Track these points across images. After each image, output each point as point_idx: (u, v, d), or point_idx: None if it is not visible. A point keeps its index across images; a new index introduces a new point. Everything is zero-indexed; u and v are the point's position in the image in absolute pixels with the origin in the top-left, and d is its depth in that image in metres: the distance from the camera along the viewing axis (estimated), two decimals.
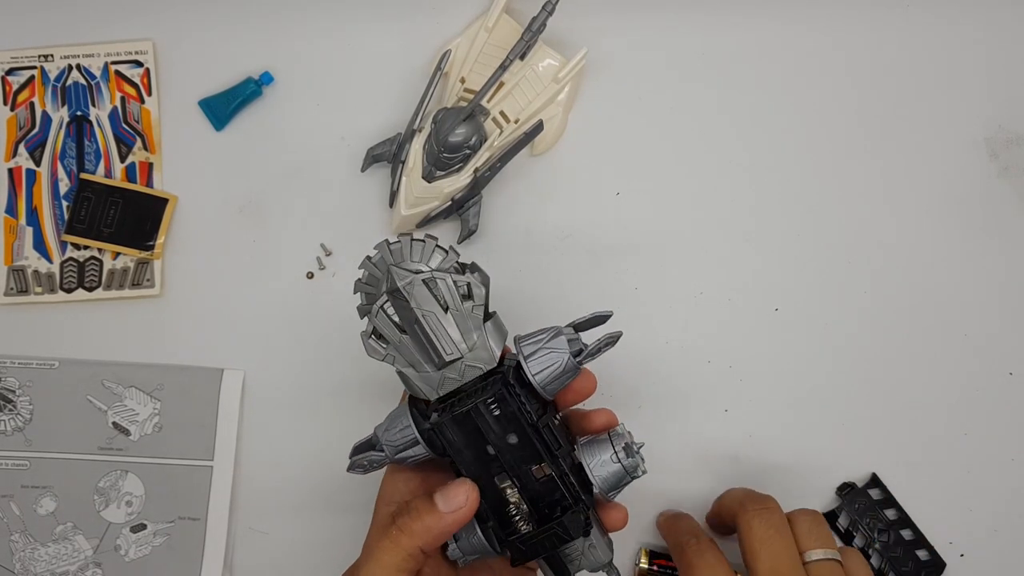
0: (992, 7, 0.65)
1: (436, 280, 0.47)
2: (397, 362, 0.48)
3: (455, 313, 0.47)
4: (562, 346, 0.47)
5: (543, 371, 0.47)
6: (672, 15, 0.65)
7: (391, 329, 0.47)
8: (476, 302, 0.47)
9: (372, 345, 0.48)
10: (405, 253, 0.48)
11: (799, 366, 0.62)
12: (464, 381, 0.47)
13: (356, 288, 0.49)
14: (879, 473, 0.61)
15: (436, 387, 0.47)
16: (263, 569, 0.61)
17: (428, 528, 0.46)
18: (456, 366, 0.47)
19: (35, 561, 0.60)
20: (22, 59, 0.64)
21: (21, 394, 0.61)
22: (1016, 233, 0.64)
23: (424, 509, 0.47)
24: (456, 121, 0.59)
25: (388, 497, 0.51)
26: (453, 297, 0.47)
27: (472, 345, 0.47)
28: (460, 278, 0.47)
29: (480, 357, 0.47)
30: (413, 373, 0.47)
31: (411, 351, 0.47)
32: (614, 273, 0.63)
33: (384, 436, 0.48)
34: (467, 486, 0.47)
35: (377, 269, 0.48)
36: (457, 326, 0.47)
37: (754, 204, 0.64)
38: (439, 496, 0.47)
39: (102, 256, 0.63)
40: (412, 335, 0.47)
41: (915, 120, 0.65)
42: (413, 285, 0.47)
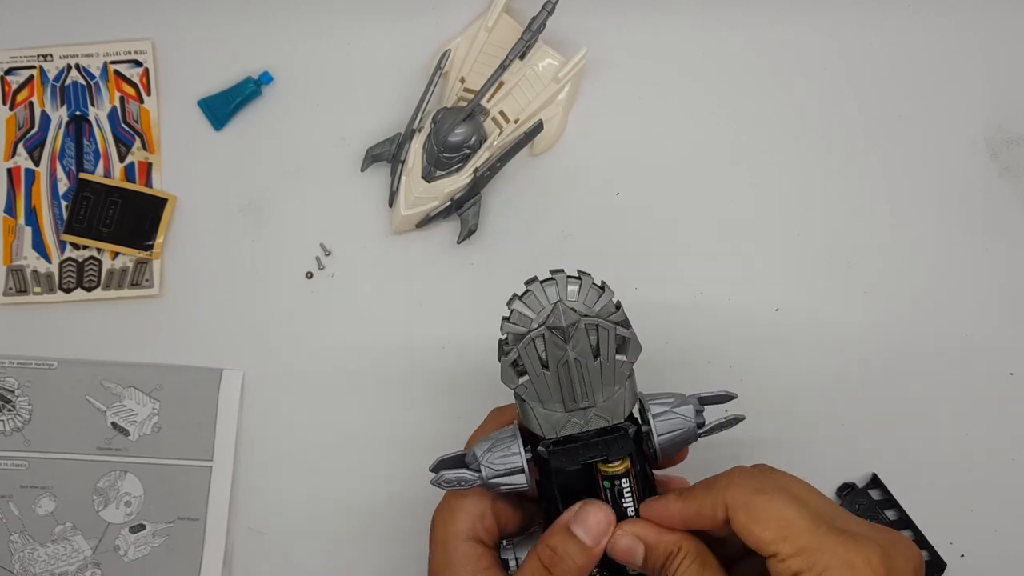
0: (992, 7, 0.65)
1: (600, 329, 0.45)
2: (527, 395, 0.46)
3: (604, 363, 0.45)
4: (689, 414, 0.47)
5: (666, 434, 0.46)
6: (672, 15, 0.65)
7: (535, 362, 0.45)
8: (629, 359, 0.46)
9: (510, 372, 0.46)
10: (582, 294, 0.45)
11: (799, 366, 0.62)
12: (586, 429, 0.46)
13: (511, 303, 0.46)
14: (879, 473, 0.61)
15: (558, 428, 0.46)
16: (262, 569, 0.61)
17: (582, 568, 0.44)
18: (584, 413, 0.46)
19: (34, 561, 0.60)
20: (21, 59, 0.64)
21: (20, 394, 0.61)
22: (1016, 233, 0.64)
23: (572, 549, 0.43)
24: (456, 121, 0.59)
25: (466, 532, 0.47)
26: (609, 348, 0.45)
27: (607, 397, 0.46)
28: (623, 331, 0.46)
29: (610, 410, 0.46)
30: (539, 408, 0.46)
31: (547, 387, 0.45)
32: (614, 273, 0.63)
33: (485, 457, 0.46)
34: (604, 511, 0.44)
35: (544, 298, 0.46)
36: (602, 376, 0.45)
37: (754, 204, 0.64)
38: (578, 528, 0.44)
39: (101, 256, 0.63)
40: (553, 373, 0.45)
41: (915, 120, 0.65)
42: (577, 328, 0.45)
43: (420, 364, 0.62)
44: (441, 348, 0.62)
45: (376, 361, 0.62)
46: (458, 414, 0.60)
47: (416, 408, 0.61)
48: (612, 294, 0.46)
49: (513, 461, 0.46)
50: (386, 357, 0.62)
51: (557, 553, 0.44)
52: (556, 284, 0.45)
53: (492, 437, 0.47)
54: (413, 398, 0.62)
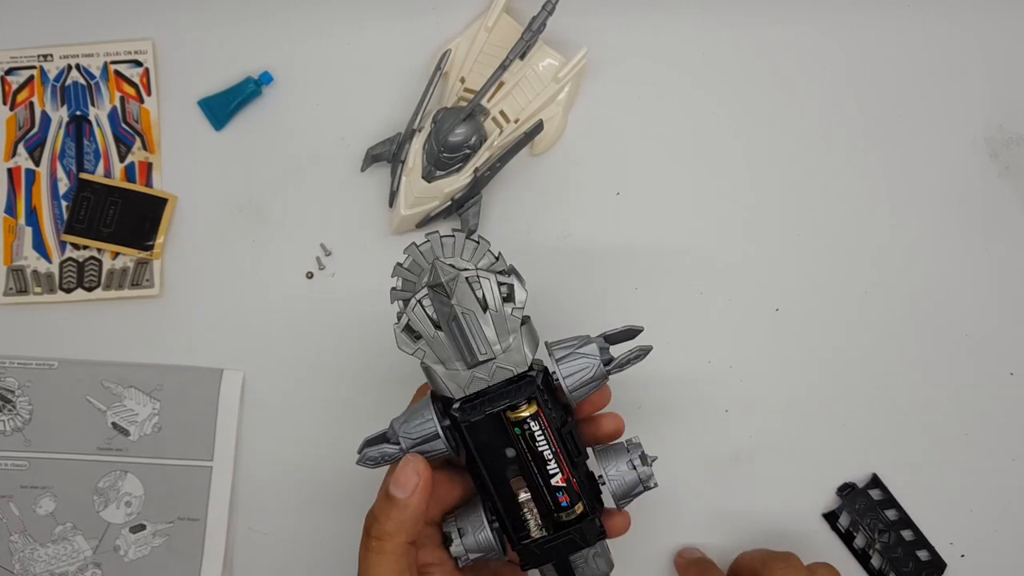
0: (992, 7, 0.65)
1: (480, 279, 0.47)
2: (427, 357, 0.47)
3: (494, 314, 0.47)
4: (593, 353, 0.47)
5: (573, 376, 0.47)
6: (672, 15, 0.65)
7: (426, 324, 0.47)
8: (516, 305, 0.47)
9: (404, 338, 0.47)
10: (457, 249, 0.48)
11: (799, 366, 0.62)
12: (492, 382, 0.47)
13: (395, 272, 0.48)
14: (879, 473, 0.61)
15: (464, 386, 0.47)
16: (263, 569, 0.61)
17: (401, 523, 0.46)
18: (487, 366, 0.47)
19: (34, 561, 0.60)
20: (21, 59, 0.64)
21: (20, 394, 0.61)
22: (1016, 233, 0.64)
23: (386, 506, 0.46)
24: (456, 121, 0.59)
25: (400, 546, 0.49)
26: (494, 298, 0.47)
27: (506, 347, 0.47)
28: (504, 279, 0.47)
29: (512, 360, 0.47)
30: (442, 370, 0.47)
31: (444, 347, 0.47)
32: (614, 273, 0.63)
33: (402, 429, 0.48)
34: (412, 463, 0.46)
35: (423, 259, 0.48)
36: (494, 327, 0.47)
37: (754, 204, 0.64)
38: (391, 485, 0.46)
39: (101, 256, 0.63)
40: (447, 332, 0.47)
41: (915, 120, 0.65)
42: (457, 282, 0.47)
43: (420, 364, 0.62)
44: None
45: (376, 361, 0.62)
46: None
47: None
48: (488, 244, 0.47)
49: (428, 428, 0.47)
50: (386, 357, 0.62)
51: (375, 514, 0.46)
52: (430, 244, 0.47)
53: (409, 410, 0.48)
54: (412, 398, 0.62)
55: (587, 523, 0.47)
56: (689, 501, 0.61)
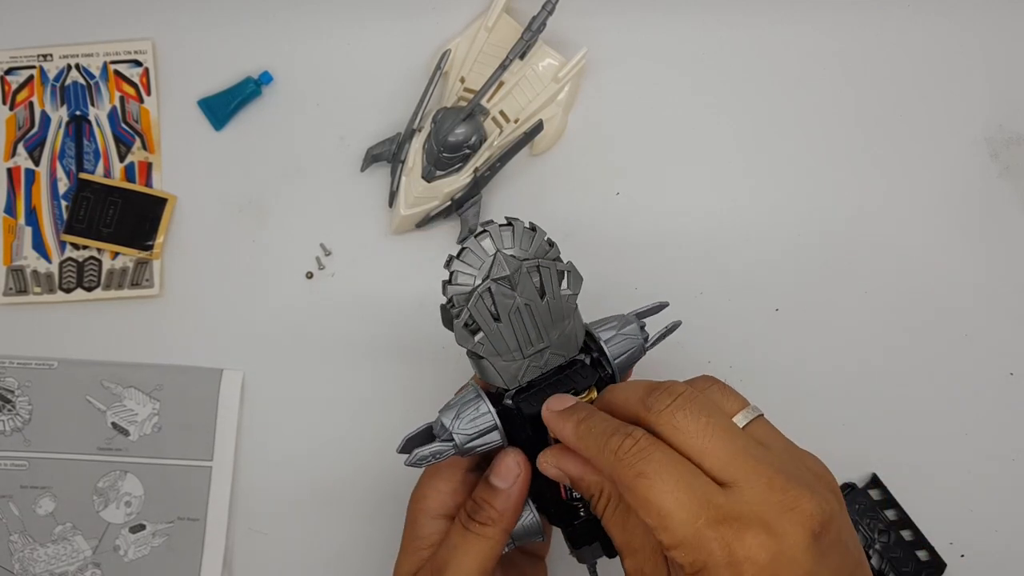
0: (992, 7, 0.65)
1: (541, 268, 0.46)
2: (485, 350, 0.46)
3: (551, 301, 0.46)
4: (635, 332, 0.49)
5: (620, 356, 0.48)
6: (672, 15, 0.65)
7: (487, 318, 0.46)
8: (572, 290, 0.47)
9: (464, 333, 0.46)
10: (517, 238, 0.46)
11: (799, 366, 0.62)
12: (546, 369, 0.47)
13: (450, 265, 0.46)
14: (879, 473, 0.61)
15: (519, 376, 0.47)
16: (263, 569, 0.61)
17: (503, 510, 0.46)
18: (541, 354, 0.47)
19: (34, 561, 0.60)
20: (21, 59, 0.64)
21: (20, 394, 0.61)
22: (1016, 233, 0.64)
23: (489, 495, 0.46)
24: (456, 121, 0.59)
25: (436, 510, 0.49)
26: (553, 285, 0.46)
27: (559, 333, 0.47)
28: (561, 265, 0.47)
29: (565, 345, 0.47)
30: (499, 361, 0.46)
31: (503, 340, 0.46)
32: (614, 273, 0.63)
33: (456, 424, 0.46)
34: (512, 455, 0.47)
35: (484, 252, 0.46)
36: (551, 314, 0.46)
37: (754, 204, 0.64)
38: (493, 477, 0.46)
39: (101, 256, 0.63)
40: (506, 323, 0.46)
41: (915, 120, 0.65)
42: (520, 273, 0.46)
43: (421, 365, 0.62)
44: (442, 348, 0.62)
45: (376, 361, 0.62)
46: None
47: (417, 408, 0.61)
48: (544, 233, 0.47)
49: (485, 421, 0.46)
50: (386, 357, 0.62)
51: (477, 502, 0.46)
52: (490, 235, 0.46)
53: (454, 404, 0.47)
54: (414, 398, 0.62)
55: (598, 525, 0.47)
56: None
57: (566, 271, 0.47)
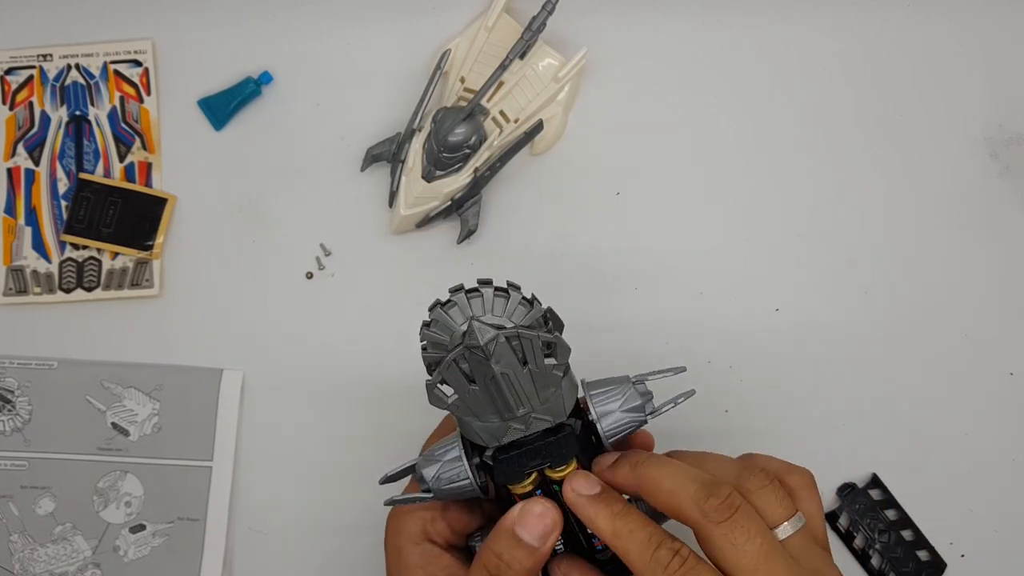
0: (992, 7, 0.65)
1: (521, 339, 0.42)
2: (460, 411, 0.44)
3: (534, 371, 0.43)
4: (637, 408, 0.45)
5: (615, 432, 0.45)
6: (672, 15, 0.65)
7: (461, 382, 0.43)
8: (559, 362, 0.43)
9: (437, 395, 0.44)
10: (487, 306, 0.44)
11: (799, 366, 0.62)
12: (529, 432, 0.44)
13: (423, 337, 0.45)
14: (879, 473, 0.61)
15: (499, 436, 0.44)
16: (263, 569, 0.61)
17: (529, 570, 0.42)
18: (523, 417, 0.44)
19: (34, 562, 0.60)
20: (21, 59, 0.64)
21: (20, 394, 0.61)
22: (1016, 233, 0.64)
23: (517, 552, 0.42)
24: (456, 121, 0.59)
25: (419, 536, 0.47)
26: (536, 355, 0.43)
27: (544, 400, 0.44)
28: (547, 336, 0.43)
29: (550, 410, 0.44)
30: (475, 421, 0.44)
31: (479, 402, 0.44)
32: (614, 273, 0.63)
33: (434, 481, 0.45)
34: (542, 507, 0.43)
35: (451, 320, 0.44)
36: (533, 382, 0.43)
37: (754, 204, 0.64)
38: (522, 531, 0.42)
39: (101, 256, 0.63)
40: (482, 388, 0.43)
41: (915, 120, 0.65)
42: (496, 343, 0.42)
43: (419, 364, 0.62)
44: None
45: (376, 361, 0.62)
46: None
47: (416, 408, 0.61)
48: (541, 309, 0.44)
49: (463, 484, 0.45)
50: (386, 357, 0.62)
51: (503, 560, 0.42)
52: (481, 297, 0.44)
53: (435, 455, 0.45)
54: (413, 398, 0.62)
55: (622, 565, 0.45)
56: None
57: (553, 343, 0.43)
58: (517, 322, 0.44)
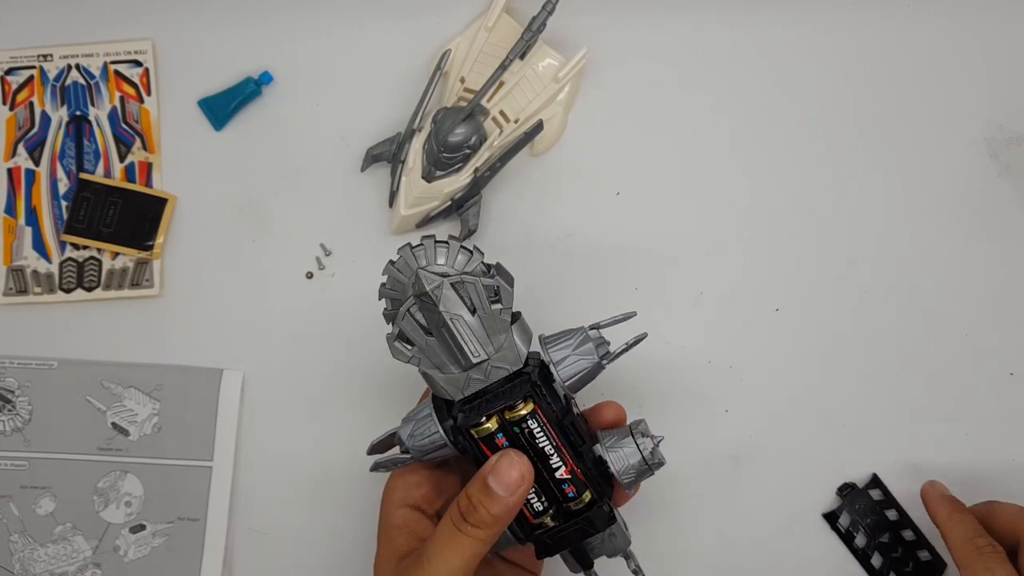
0: (992, 7, 0.65)
1: (464, 283, 0.47)
2: (423, 364, 0.48)
3: (482, 316, 0.47)
4: (589, 351, 0.48)
5: (571, 376, 0.48)
6: (672, 15, 0.65)
7: (418, 332, 0.47)
8: (504, 305, 0.47)
9: (398, 347, 0.48)
10: (430, 256, 0.48)
11: (799, 366, 0.62)
12: (490, 382, 0.47)
13: (381, 294, 0.49)
14: (879, 473, 0.61)
15: (462, 388, 0.48)
16: (263, 569, 0.61)
17: (498, 516, 0.46)
18: (482, 367, 0.47)
19: (34, 561, 0.60)
20: (21, 59, 0.64)
21: (20, 394, 0.61)
22: (1016, 233, 0.64)
23: (485, 498, 0.46)
24: (456, 121, 0.59)
25: (400, 500, 0.50)
26: (481, 300, 0.47)
27: (499, 347, 0.47)
28: (488, 281, 0.47)
29: (506, 358, 0.47)
30: (438, 374, 0.47)
31: (437, 353, 0.47)
32: (614, 273, 0.63)
33: (409, 440, 0.48)
34: (516, 462, 0.46)
35: (401, 273, 0.48)
36: (484, 328, 0.47)
37: (754, 204, 0.64)
38: (492, 481, 0.46)
39: (101, 256, 0.63)
40: (438, 337, 0.47)
41: (915, 120, 0.65)
42: (442, 288, 0.46)
43: None
44: None
45: (376, 361, 0.62)
46: None
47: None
48: (459, 244, 0.48)
49: (434, 438, 0.48)
50: (386, 357, 0.62)
51: (472, 502, 0.46)
52: (403, 258, 0.48)
53: (411, 417, 0.49)
54: (413, 398, 0.62)
55: (596, 511, 0.48)
56: (689, 501, 0.61)
57: (496, 287, 0.47)
58: (460, 269, 0.47)
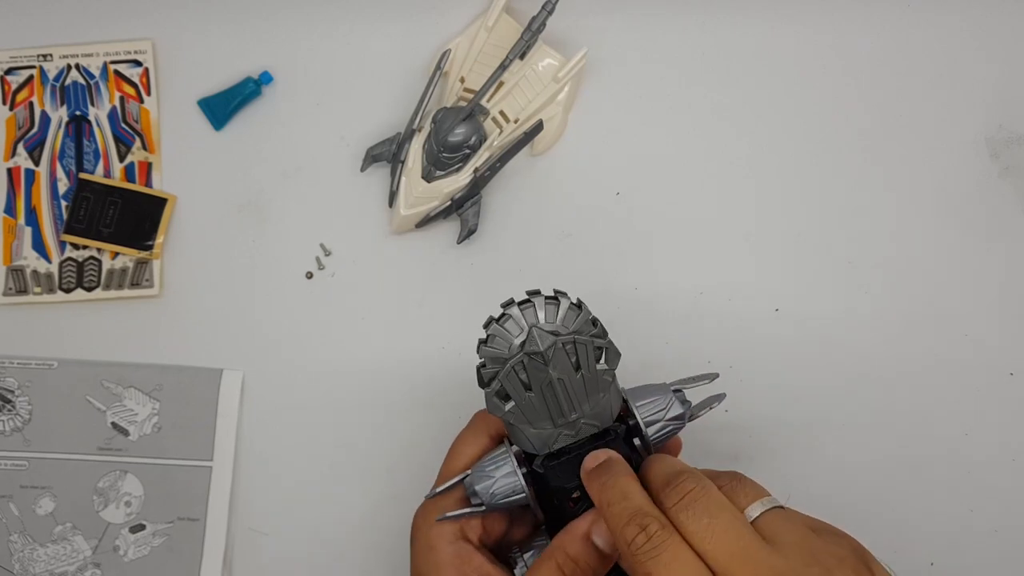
0: (992, 7, 0.65)
1: (576, 344, 0.45)
2: (516, 419, 0.46)
3: (586, 375, 0.46)
4: (678, 413, 0.48)
5: (657, 436, 0.47)
6: (672, 15, 0.65)
7: (519, 390, 0.45)
8: (609, 367, 0.46)
9: (496, 403, 0.46)
10: (540, 316, 0.46)
11: (799, 366, 0.62)
12: (578, 438, 0.46)
13: (482, 355, 0.46)
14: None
15: (550, 443, 0.46)
16: (263, 569, 0.61)
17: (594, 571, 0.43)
18: (573, 424, 0.46)
19: (34, 561, 0.60)
20: (21, 59, 0.64)
21: (20, 394, 0.61)
22: (1016, 233, 0.64)
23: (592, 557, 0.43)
24: (456, 121, 0.59)
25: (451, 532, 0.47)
26: (588, 361, 0.45)
27: (594, 405, 0.46)
28: (599, 342, 0.46)
29: (599, 415, 0.46)
30: (529, 429, 0.46)
31: (533, 409, 0.46)
32: (614, 273, 0.63)
33: (490, 498, 0.47)
34: None
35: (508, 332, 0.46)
36: (585, 387, 0.46)
37: (754, 204, 0.64)
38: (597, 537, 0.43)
39: (101, 256, 0.63)
40: (538, 394, 0.45)
41: (915, 120, 0.65)
42: (555, 349, 0.45)
43: (420, 364, 0.62)
44: (441, 348, 0.62)
45: (376, 361, 0.62)
46: (458, 413, 0.60)
47: (416, 408, 0.61)
48: (589, 313, 0.46)
49: (516, 491, 0.46)
50: (386, 357, 0.62)
51: (578, 563, 0.43)
52: (533, 307, 0.45)
53: (486, 471, 0.47)
54: (413, 398, 0.62)
55: None
56: None
57: (604, 348, 0.46)
58: (569, 327, 0.45)
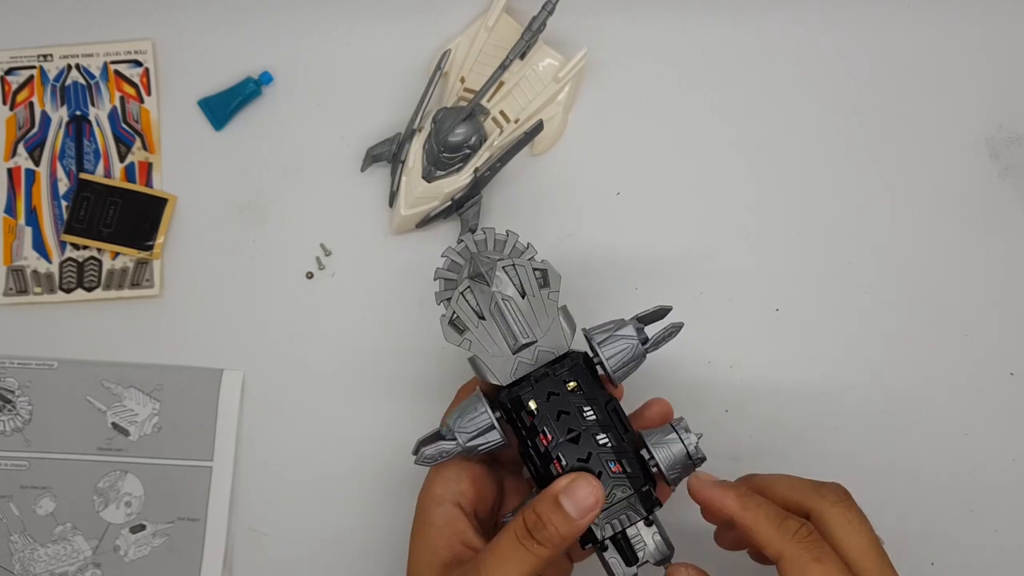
0: (992, 7, 0.65)
1: (516, 267, 0.50)
2: (473, 347, 0.50)
3: (532, 299, 0.50)
4: (630, 334, 0.50)
5: (614, 356, 0.49)
6: (673, 15, 0.65)
7: (470, 315, 0.50)
8: (552, 288, 0.51)
9: (450, 331, 0.50)
10: (489, 244, 0.52)
11: (799, 366, 0.62)
12: (537, 365, 0.50)
13: (437, 275, 0.52)
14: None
15: (510, 372, 0.50)
16: (263, 569, 0.61)
17: (566, 536, 0.45)
18: (530, 350, 0.50)
19: (34, 562, 0.60)
20: (21, 59, 0.64)
21: (20, 394, 0.61)
22: (1016, 233, 0.64)
23: (557, 518, 0.45)
24: (456, 121, 0.59)
25: (440, 495, 0.50)
26: (531, 283, 0.50)
27: (546, 330, 0.50)
28: (538, 265, 0.51)
29: (553, 342, 0.50)
30: (487, 357, 0.50)
31: (488, 336, 0.50)
32: (614, 273, 0.63)
33: (457, 424, 0.49)
34: (594, 486, 0.45)
35: (460, 257, 0.52)
36: (533, 311, 0.50)
37: (754, 204, 0.64)
38: (566, 500, 0.45)
39: (101, 256, 0.63)
40: (490, 319, 0.50)
41: (915, 120, 0.65)
42: (495, 270, 0.50)
43: (420, 364, 0.62)
44: (441, 348, 0.62)
45: (376, 361, 0.62)
46: None
47: (416, 407, 0.61)
48: (517, 236, 0.52)
49: (482, 420, 0.49)
50: (386, 357, 0.62)
51: (542, 519, 0.45)
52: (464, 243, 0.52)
53: (460, 407, 0.50)
54: (413, 398, 0.62)
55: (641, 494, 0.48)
56: (689, 502, 0.61)
57: (544, 270, 0.51)
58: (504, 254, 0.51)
